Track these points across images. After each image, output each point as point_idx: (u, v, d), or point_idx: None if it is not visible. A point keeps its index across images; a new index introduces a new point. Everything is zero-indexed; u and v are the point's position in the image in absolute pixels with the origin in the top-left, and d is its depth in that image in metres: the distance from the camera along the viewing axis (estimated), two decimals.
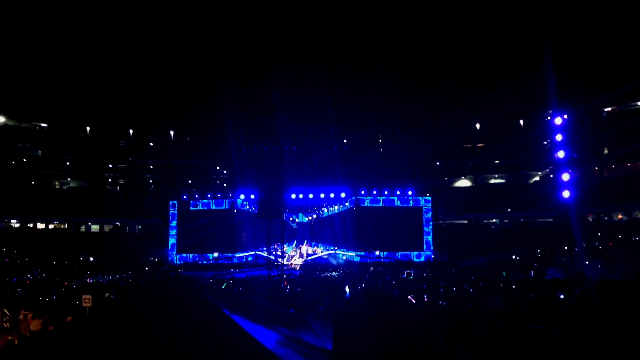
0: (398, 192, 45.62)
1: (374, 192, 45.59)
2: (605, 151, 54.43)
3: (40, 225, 57.80)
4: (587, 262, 28.73)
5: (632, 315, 1.21)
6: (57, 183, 65.44)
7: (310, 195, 46.30)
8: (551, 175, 53.46)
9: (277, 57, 56.51)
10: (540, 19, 45.48)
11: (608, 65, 49.09)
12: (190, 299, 4.76)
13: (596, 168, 54.86)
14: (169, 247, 46.15)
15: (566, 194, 20.72)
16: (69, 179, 66.24)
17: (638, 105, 53.12)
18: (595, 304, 1.29)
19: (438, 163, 64.94)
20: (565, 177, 20.65)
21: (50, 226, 58.73)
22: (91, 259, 47.76)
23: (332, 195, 45.55)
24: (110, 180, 67.91)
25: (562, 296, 16.93)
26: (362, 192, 45.32)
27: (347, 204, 46.24)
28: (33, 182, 62.24)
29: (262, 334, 4.84)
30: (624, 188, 47.11)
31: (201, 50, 62.83)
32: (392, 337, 1.37)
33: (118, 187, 66.85)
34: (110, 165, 67.71)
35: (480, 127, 64.04)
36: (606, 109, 55.70)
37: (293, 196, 45.26)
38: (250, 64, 64.81)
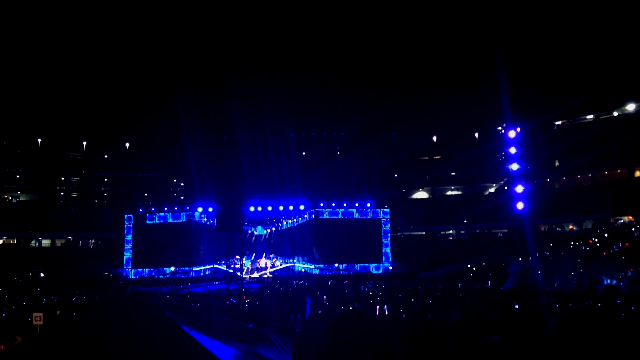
0: (357, 204, 45.79)
1: (333, 204, 45.61)
2: (557, 163, 56.09)
3: None
4: (539, 272, 29.44)
5: (609, 341, 1.22)
6: (6, 197, 63.25)
7: (269, 208, 45.96)
8: (505, 187, 54.72)
9: (235, 68, 56.19)
10: (495, 34, 46.74)
11: (559, 79, 50.77)
12: (147, 315, 4.64)
13: (548, 180, 56.48)
14: (124, 262, 45.05)
15: (520, 205, 21.24)
16: (19, 192, 64.13)
17: (587, 119, 55.08)
18: (572, 332, 1.30)
19: (396, 175, 65.63)
20: (519, 189, 21.18)
21: None
22: (42, 274, 46.16)
23: (291, 207, 45.35)
24: (62, 193, 66.09)
25: (517, 306, 17.27)
26: (321, 204, 45.29)
27: (305, 216, 46.17)
28: None
29: (219, 349, 4.76)
30: (574, 199, 48.53)
31: (157, 60, 62.06)
32: (358, 353, 1.35)
33: (71, 201, 65.07)
34: (62, 178, 65.95)
35: (436, 140, 65.13)
36: (557, 123, 57.57)
37: (252, 209, 44.80)
38: (208, 75, 64.32)
